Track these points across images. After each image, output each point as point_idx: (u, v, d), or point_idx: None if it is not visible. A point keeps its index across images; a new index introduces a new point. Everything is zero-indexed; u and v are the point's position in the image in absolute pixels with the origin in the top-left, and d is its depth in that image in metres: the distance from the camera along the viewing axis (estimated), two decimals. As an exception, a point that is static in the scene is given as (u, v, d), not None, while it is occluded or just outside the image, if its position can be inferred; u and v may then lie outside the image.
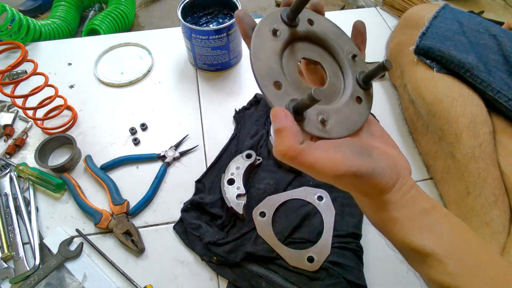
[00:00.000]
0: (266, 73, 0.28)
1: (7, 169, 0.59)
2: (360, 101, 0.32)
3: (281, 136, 0.26)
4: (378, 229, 0.31)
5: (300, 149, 0.25)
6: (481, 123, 0.52)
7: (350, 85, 0.32)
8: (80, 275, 0.49)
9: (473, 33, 0.57)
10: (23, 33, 0.76)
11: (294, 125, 0.26)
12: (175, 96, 0.71)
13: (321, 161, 0.26)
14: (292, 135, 0.26)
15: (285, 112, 0.26)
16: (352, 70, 0.33)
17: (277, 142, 0.26)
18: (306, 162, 0.26)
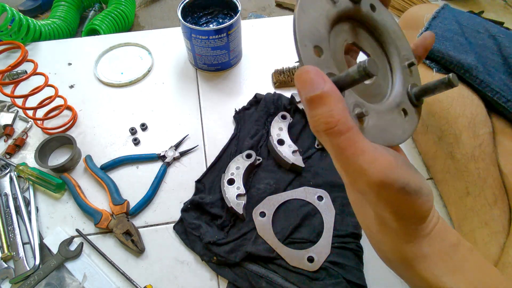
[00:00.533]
0: (310, 33, 0.22)
1: (7, 169, 0.59)
2: (405, 115, 0.27)
3: (325, 104, 0.19)
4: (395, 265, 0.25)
5: (351, 125, 0.19)
6: (480, 123, 0.52)
7: (398, 94, 0.27)
8: (80, 275, 0.50)
9: (473, 34, 0.57)
10: (23, 33, 0.76)
11: (337, 90, 0.19)
12: (175, 96, 0.71)
13: (371, 155, 0.19)
14: (341, 101, 0.19)
15: (320, 73, 0.19)
16: (404, 79, 0.28)
17: (317, 113, 0.19)
18: (352, 146, 0.19)
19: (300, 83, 0.20)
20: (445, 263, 0.23)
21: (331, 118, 0.19)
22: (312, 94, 0.19)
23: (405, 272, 0.25)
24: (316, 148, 0.61)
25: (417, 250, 0.23)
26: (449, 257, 0.23)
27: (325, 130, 0.19)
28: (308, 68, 0.19)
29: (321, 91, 0.19)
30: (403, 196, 0.20)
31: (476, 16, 0.63)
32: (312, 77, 0.19)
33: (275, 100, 0.66)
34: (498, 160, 0.52)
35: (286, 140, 0.59)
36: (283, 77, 0.71)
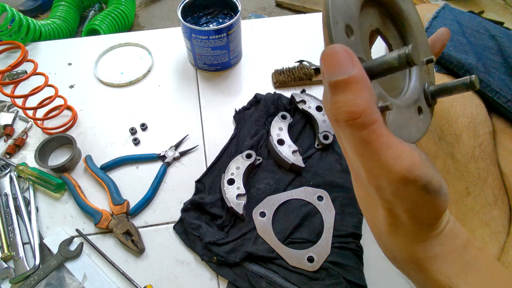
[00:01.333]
0: (343, 9, 0.20)
1: (7, 169, 0.59)
2: (420, 114, 0.25)
3: (350, 91, 0.17)
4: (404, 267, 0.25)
5: (376, 117, 0.17)
6: (481, 123, 0.52)
7: (416, 91, 0.26)
8: (80, 275, 0.50)
9: (473, 34, 0.57)
10: (23, 33, 0.76)
11: (366, 76, 0.17)
12: (175, 96, 0.71)
13: (397, 150, 0.18)
14: (368, 90, 0.17)
15: (350, 55, 0.17)
16: (421, 76, 0.27)
17: (340, 100, 0.17)
18: (378, 141, 0.17)
19: (326, 64, 0.17)
20: (456, 264, 0.22)
21: (355, 107, 0.17)
22: (337, 78, 0.17)
23: (414, 273, 0.24)
24: (316, 148, 0.61)
25: (428, 250, 0.22)
26: (460, 257, 0.22)
27: (347, 121, 0.17)
28: (336, 48, 0.17)
29: (348, 76, 0.17)
30: (424, 195, 0.19)
31: (476, 16, 0.63)
32: (340, 58, 0.17)
33: (275, 100, 0.66)
34: (498, 160, 0.52)
35: (286, 140, 0.59)
36: (283, 77, 0.71)
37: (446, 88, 0.25)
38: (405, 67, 0.18)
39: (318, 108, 0.64)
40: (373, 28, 0.26)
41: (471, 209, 0.50)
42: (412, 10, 0.28)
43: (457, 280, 0.22)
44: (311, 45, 0.80)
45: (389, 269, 0.51)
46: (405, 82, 0.27)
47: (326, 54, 0.18)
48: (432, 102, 0.27)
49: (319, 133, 0.61)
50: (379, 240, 0.25)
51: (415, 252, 0.22)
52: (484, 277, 0.23)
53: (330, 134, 0.61)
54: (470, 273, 0.22)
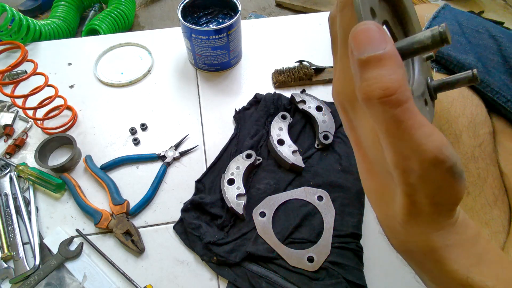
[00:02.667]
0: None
1: (7, 169, 0.59)
2: (425, 105, 0.26)
3: (385, 67, 0.16)
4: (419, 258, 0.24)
5: (410, 95, 0.17)
6: (481, 123, 0.52)
7: (421, 84, 0.26)
8: (80, 275, 0.50)
9: (473, 34, 0.57)
10: (23, 33, 0.76)
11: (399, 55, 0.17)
12: (175, 96, 0.71)
13: (429, 129, 0.17)
14: (401, 67, 0.17)
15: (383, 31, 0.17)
16: (423, 70, 0.27)
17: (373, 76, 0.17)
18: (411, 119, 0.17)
19: (357, 40, 0.17)
20: (471, 254, 0.22)
21: (391, 83, 0.16)
22: (370, 54, 0.16)
23: (431, 264, 0.23)
24: (316, 148, 0.61)
25: (446, 239, 0.21)
26: (474, 248, 0.22)
27: (381, 98, 0.16)
28: (369, 24, 0.17)
29: (383, 52, 0.16)
30: (448, 178, 0.18)
31: (476, 16, 0.62)
32: (374, 34, 0.17)
33: (275, 100, 0.66)
34: (498, 160, 0.52)
35: (286, 140, 0.59)
36: (283, 77, 0.71)
37: (448, 82, 0.25)
38: (438, 46, 0.17)
39: (318, 108, 0.64)
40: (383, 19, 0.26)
41: (471, 209, 0.50)
42: (412, 8, 0.29)
43: (474, 270, 0.21)
44: (311, 45, 0.80)
45: (389, 269, 0.51)
46: (410, 75, 0.27)
47: (358, 30, 0.17)
48: (434, 96, 0.27)
49: (319, 133, 0.61)
50: (391, 233, 0.24)
51: (433, 241, 0.22)
52: (496, 268, 0.22)
53: (330, 134, 0.61)
54: (484, 265, 0.22)
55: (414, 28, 0.28)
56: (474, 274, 0.21)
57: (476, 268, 0.21)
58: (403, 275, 0.50)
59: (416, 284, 0.51)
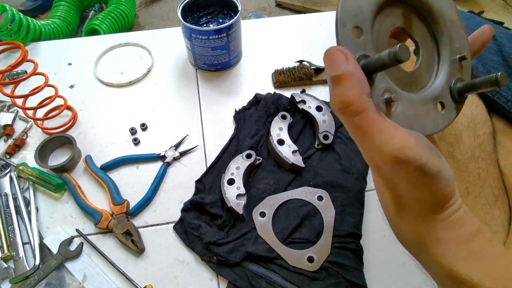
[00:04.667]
0: (353, 13, 0.22)
1: (7, 169, 0.59)
2: (442, 109, 0.26)
3: (342, 85, 0.20)
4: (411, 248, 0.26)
5: (367, 106, 0.20)
6: (481, 123, 0.52)
7: (439, 87, 0.27)
8: (80, 275, 0.50)
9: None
10: (23, 33, 0.76)
11: (359, 71, 0.20)
12: (175, 96, 0.71)
13: (388, 133, 0.20)
14: (358, 84, 0.20)
15: (345, 54, 0.20)
16: (450, 72, 0.27)
17: (336, 92, 0.20)
18: (369, 125, 0.20)
19: (326, 62, 0.21)
20: (460, 250, 0.23)
21: (346, 98, 0.20)
22: (334, 74, 0.20)
23: (420, 255, 0.25)
24: (316, 148, 0.61)
25: (432, 233, 0.23)
26: (466, 245, 0.23)
27: (340, 109, 0.21)
28: (335, 49, 0.20)
29: (341, 72, 0.20)
30: (421, 177, 0.21)
31: (476, 16, 0.62)
32: (336, 58, 0.20)
33: (275, 100, 0.66)
34: (498, 160, 0.52)
35: (286, 140, 0.59)
36: (283, 77, 0.71)
37: (472, 85, 0.26)
38: (396, 64, 0.19)
39: (318, 108, 0.64)
40: (396, 26, 0.26)
41: (471, 209, 0.50)
42: (448, 7, 0.28)
43: (459, 264, 0.23)
44: (311, 45, 0.80)
45: (389, 269, 0.51)
46: (430, 78, 0.27)
47: (326, 54, 0.21)
48: (458, 99, 0.27)
49: (319, 133, 0.61)
50: (390, 222, 0.27)
51: (420, 234, 0.24)
52: (489, 265, 0.23)
53: (330, 134, 0.61)
54: (475, 261, 0.23)
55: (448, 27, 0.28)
56: (460, 267, 0.23)
57: (463, 263, 0.23)
58: (403, 275, 0.50)
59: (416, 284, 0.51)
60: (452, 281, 0.23)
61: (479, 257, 0.23)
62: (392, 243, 0.53)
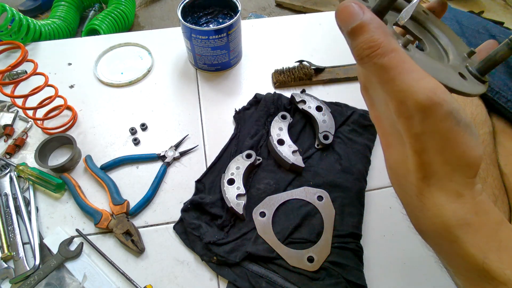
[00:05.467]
0: None
1: (7, 169, 0.59)
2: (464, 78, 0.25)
3: (366, 32, 0.20)
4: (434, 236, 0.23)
5: (395, 46, 0.20)
6: (481, 123, 0.52)
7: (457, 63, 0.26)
8: (80, 275, 0.50)
9: (473, 34, 0.57)
10: (23, 33, 0.76)
11: (376, 17, 0.20)
12: (175, 96, 0.71)
13: (420, 73, 0.19)
14: (382, 29, 0.20)
15: (359, 4, 0.20)
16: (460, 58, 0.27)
17: (360, 40, 0.20)
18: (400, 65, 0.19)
19: (340, 19, 0.20)
20: (490, 239, 0.21)
21: (374, 42, 0.19)
22: (353, 25, 0.20)
23: (446, 245, 0.22)
24: (316, 148, 0.61)
25: (460, 215, 0.21)
26: (495, 234, 0.21)
27: (369, 55, 0.20)
28: (345, 3, 0.20)
29: (361, 21, 0.20)
30: (453, 126, 0.19)
31: (476, 16, 0.63)
32: (350, 10, 0.20)
33: (275, 100, 0.66)
34: (498, 160, 0.52)
35: (286, 140, 0.59)
36: (283, 77, 0.71)
37: (490, 58, 0.25)
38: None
39: (318, 108, 0.64)
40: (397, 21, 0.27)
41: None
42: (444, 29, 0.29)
43: (492, 256, 0.20)
44: (311, 45, 0.80)
45: (389, 269, 0.51)
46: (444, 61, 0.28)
47: (339, 11, 0.20)
48: (483, 78, 0.26)
49: (319, 133, 0.61)
50: (410, 211, 0.24)
51: (449, 216, 0.21)
52: None
53: (330, 134, 0.61)
54: (506, 252, 0.21)
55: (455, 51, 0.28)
56: (492, 260, 0.20)
57: (495, 255, 0.20)
58: (403, 275, 0.50)
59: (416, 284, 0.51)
60: (481, 276, 0.21)
61: (509, 248, 0.21)
62: (392, 243, 0.53)
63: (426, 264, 0.51)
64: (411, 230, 0.26)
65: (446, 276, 0.33)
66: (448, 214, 0.21)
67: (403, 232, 0.54)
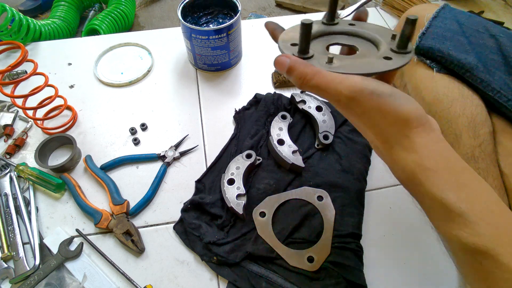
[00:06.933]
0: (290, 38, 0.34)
1: (7, 169, 0.59)
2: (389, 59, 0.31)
3: (295, 71, 0.29)
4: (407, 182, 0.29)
5: (317, 70, 0.28)
6: (481, 123, 0.52)
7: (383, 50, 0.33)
8: (80, 275, 0.50)
9: (473, 33, 0.57)
10: (23, 33, 0.76)
11: (299, 59, 0.30)
12: (175, 96, 0.71)
13: (340, 78, 0.27)
14: (303, 64, 0.29)
15: (286, 55, 0.30)
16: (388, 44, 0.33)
17: (295, 76, 0.29)
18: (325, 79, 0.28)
19: (277, 67, 0.31)
20: (450, 180, 0.26)
21: (301, 74, 0.29)
22: (285, 69, 0.30)
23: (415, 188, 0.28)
24: (316, 148, 0.61)
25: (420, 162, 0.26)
26: (455, 175, 0.26)
27: (303, 83, 0.29)
28: (277, 58, 0.31)
29: (288, 65, 0.30)
30: (377, 98, 0.26)
31: (476, 16, 0.62)
32: (281, 60, 0.31)
33: (275, 100, 0.66)
34: (498, 160, 0.52)
35: (286, 140, 0.59)
36: (283, 77, 0.71)
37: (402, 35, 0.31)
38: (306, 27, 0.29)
39: (318, 108, 0.64)
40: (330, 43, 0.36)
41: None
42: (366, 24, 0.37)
43: (450, 194, 0.26)
44: (311, 45, 0.80)
45: (389, 269, 0.51)
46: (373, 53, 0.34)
47: (274, 62, 0.32)
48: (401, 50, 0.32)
49: (319, 133, 0.61)
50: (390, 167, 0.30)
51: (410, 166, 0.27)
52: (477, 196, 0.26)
53: (330, 134, 0.61)
54: (463, 190, 0.26)
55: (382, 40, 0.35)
56: (450, 197, 0.26)
57: (453, 193, 0.26)
58: (403, 275, 0.50)
59: (416, 284, 0.51)
60: (443, 211, 0.26)
61: (469, 189, 0.26)
62: (392, 243, 0.53)
63: (426, 264, 0.51)
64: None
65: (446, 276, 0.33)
66: (410, 164, 0.27)
67: (403, 232, 0.54)
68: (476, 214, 0.25)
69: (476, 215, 0.25)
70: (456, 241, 0.26)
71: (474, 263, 0.26)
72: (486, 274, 0.25)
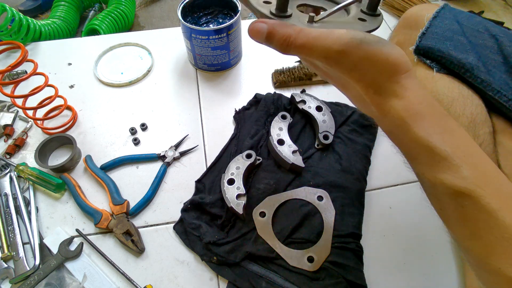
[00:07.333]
0: None
1: (7, 169, 0.59)
2: (364, 21, 0.31)
3: (275, 35, 0.26)
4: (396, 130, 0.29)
5: (299, 28, 0.26)
6: (481, 123, 0.52)
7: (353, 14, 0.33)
8: (80, 275, 0.50)
9: (473, 33, 0.57)
10: (23, 33, 0.76)
11: (279, 21, 0.27)
12: (175, 96, 0.71)
13: (325, 33, 0.26)
14: (284, 25, 0.26)
15: (261, 20, 0.27)
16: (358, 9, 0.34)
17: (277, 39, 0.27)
18: (310, 36, 0.26)
19: (253, 36, 0.27)
20: (437, 125, 0.27)
21: (284, 35, 0.26)
22: (264, 36, 0.27)
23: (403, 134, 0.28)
24: (316, 148, 0.61)
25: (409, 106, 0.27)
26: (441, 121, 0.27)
27: (288, 45, 0.27)
28: (250, 26, 0.27)
29: (267, 30, 0.26)
30: (366, 47, 0.26)
31: (476, 16, 0.62)
32: (256, 27, 0.27)
33: (275, 100, 0.66)
34: (498, 160, 0.52)
35: (286, 140, 0.59)
36: (283, 77, 0.71)
37: None
38: None
39: (318, 108, 0.64)
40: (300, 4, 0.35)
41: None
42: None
43: (436, 137, 0.26)
44: (311, 45, 0.80)
45: (389, 269, 0.51)
46: None
47: (249, 32, 0.27)
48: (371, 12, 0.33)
49: (319, 133, 0.61)
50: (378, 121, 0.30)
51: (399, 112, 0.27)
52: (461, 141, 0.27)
53: (330, 134, 0.61)
54: (447, 134, 0.27)
55: None
56: (436, 140, 0.26)
57: (439, 136, 0.26)
58: (403, 275, 0.50)
59: (416, 284, 0.51)
60: (428, 155, 0.27)
61: (453, 134, 0.27)
62: (392, 243, 0.53)
63: (426, 264, 0.51)
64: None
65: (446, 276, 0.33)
66: (400, 111, 0.27)
67: (403, 232, 0.54)
68: (460, 157, 0.26)
69: (460, 158, 0.26)
70: (440, 184, 0.27)
71: (457, 206, 0.27)
72: (467, 216, 0.26)
